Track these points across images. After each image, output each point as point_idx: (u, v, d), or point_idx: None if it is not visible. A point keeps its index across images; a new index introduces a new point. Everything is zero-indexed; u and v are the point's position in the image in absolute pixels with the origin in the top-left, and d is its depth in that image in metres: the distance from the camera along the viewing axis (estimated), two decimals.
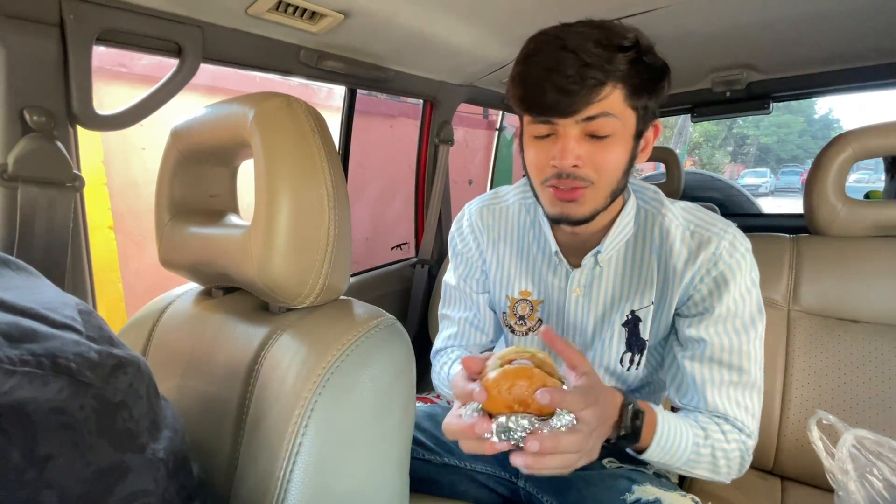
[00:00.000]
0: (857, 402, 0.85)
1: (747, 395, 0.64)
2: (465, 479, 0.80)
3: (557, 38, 0.55)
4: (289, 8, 0.78)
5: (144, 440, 0.31)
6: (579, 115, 0.55)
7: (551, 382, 0.46)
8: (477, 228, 0.80)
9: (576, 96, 0.54)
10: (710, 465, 0.62)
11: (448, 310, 0.85)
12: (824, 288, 0.92)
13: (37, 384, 0.25)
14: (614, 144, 0.58)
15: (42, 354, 0.26)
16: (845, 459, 0.64)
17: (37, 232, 0.62)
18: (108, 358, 0.30)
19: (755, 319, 0.64)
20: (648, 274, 0.68)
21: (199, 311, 0.58)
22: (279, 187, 0.44)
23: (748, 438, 0.64)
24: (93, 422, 0.27)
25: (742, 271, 0.63)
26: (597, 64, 0.53)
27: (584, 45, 0.53)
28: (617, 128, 0.57)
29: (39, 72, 0.62)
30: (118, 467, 0.28)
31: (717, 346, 0.63)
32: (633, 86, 0.56)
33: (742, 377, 0.63)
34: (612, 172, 0.59)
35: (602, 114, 0.55)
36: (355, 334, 0.45)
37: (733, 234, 0.64)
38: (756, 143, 23.42)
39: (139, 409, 0.31)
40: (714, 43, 1.09)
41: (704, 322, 0.64)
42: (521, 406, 0.45)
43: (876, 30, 1.00)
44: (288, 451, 0.39)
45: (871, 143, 0.88)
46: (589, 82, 0.53)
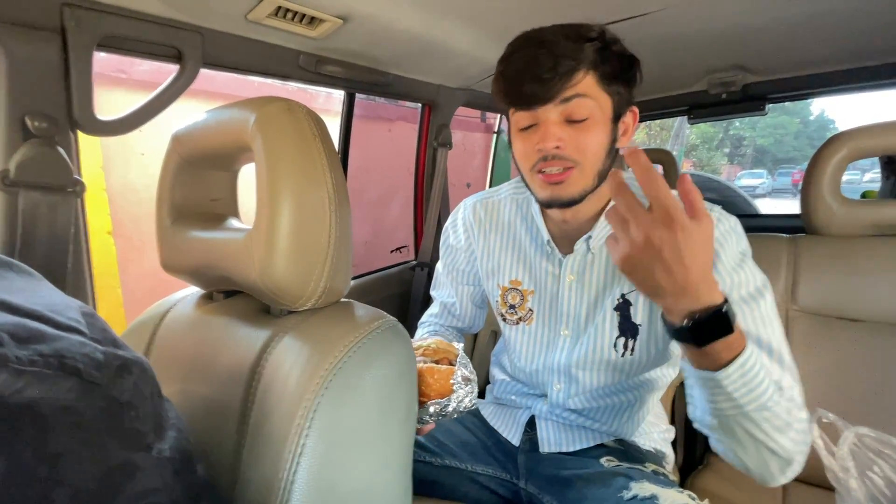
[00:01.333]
0: (856, 401, 0.85)
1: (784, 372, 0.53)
2: (466, 481, 0.80)
3: (532, 37, 0.62)
4: (288, 13, 0.78)
5: (151, 440, 0.31)
6: (556, 99, 0.60)
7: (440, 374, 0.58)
8: (468, 223, 0.84)
9: (550, 83, 0.59)
10: (781, 423, 0.50)
11: (435, 291, 0.96)
12: (822, 287, 0.92)
13: (46, 384, 0.26)
14: (593, 125, 0.62)
15: (50, 355, 0.27)
16: (846, 457, 0.64)
17: (38, 237, 0.63)
18: (114, 359, 0.30)
19: (760, 290, 0.58)
20: None
21: (200, 315, 0.58)
22: (281, 190, 0.44)
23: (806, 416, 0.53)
24: (101, 421, 0.28)
25: (729, 242, 0.61)
26: (568, 53, 0.59)
27: (555, 40, 0.60)
28: (593, 109, 0.61)
29: (41, 78, 0.62)
30: (127, 466, 0.29)
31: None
32: (604, 73, 0.61)
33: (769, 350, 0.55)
34: (594, 152, 0.63)
35: (576, 95, 0.60)
36: (357, 335, 0.45)
37: (718, 212, 0.66)
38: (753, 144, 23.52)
39: (145, 409, 0.31)
40: (709, 45, 1.10)
41: None
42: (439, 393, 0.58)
43: (869, 31, 1.01)
44: (292, 453, 0.39)
45: (866, 143, 0.89)
46: (561, 69, 0.59)
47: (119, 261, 2.08)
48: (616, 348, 0.71)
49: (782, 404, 0.50)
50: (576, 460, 0.75)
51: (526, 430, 0.80)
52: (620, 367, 0.73)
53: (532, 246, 0.77)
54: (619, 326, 0.71)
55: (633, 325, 0.70)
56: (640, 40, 1.09)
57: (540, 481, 0.75)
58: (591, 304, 0.72)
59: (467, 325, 0.94)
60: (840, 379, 0.87)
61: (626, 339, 0.71)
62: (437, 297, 0.94)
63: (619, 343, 0.71)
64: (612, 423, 0.77)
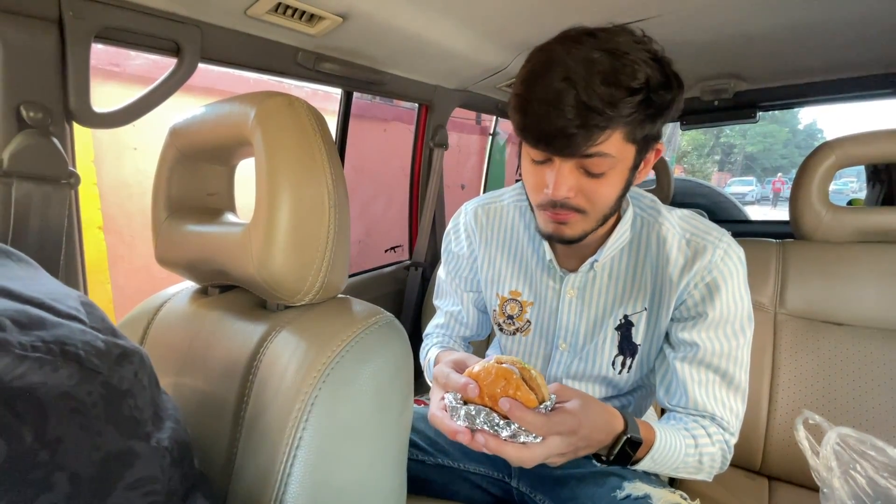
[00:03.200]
0: (841, 402, 0.87)
1: (732, 397, 0.66)
2: (458, 480, 0.80)
3: (562, 63, 0.52)
4: (288, 10, 0.78)
5: (149, 429, 0.31)
6: (575, 155, 0.55)
7: (523, 391, 0.50)
8: (470, 228, 0.82)
9: (574, 139, 0.53)
10: (694, 469, 0.65)
11: (439, 301, 0.91)
12: (809, 291, 0.94)
13: (47, 370, 0.26)
14: (608, 178, 0.58)
15: (51, 341, 0.27)
16: (830, 457, 0.65)
17: (31, 228, 0.62)
18: (114, 347, 0.30)
19: (744, 326, 0.66)
20: (642, 280, 0.69)
21: (195, 309, 0.58)
22: (280, 185, 0.45)
23: (731, 437, 0.66)
24: (100, 408, 0.28)
25: (734, 278, 0.65)
26: (599, 108, 0.51)
27: (589, 81, 0.50)
28: (613, 164, 0.57)
29: (37, 68, 0.62)
30: (126, 453, 0.29)
31: (710, 350, 0.65)
32: (637, 122, 0.54)
33: (730, 381, 0.66)
34: (604, 204, 0.60)
35: (598, 154, 0.55)
36: (355, 330, 0.45)
37: (727, 243, 0.66)
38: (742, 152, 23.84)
39: (143, 399, 0.32)
40: (702, 53, 1.12)
41: (698, 327, 0.66)
42: (492, 401, 0.51)
43: (858, 42, 1.03)
44: (288, 446, 0.39)
45: (853, 151, 0.91)
46: (589, 127, 0.52)
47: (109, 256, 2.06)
48: (614, 366, 0.72)
49: (691, 461, 0.63)
50: None
51: None
52: (616, 382, 0.74)
53: (534, 258, 0.76)
54: (619, 346, 0.71)
55: (633, 345, 0.70)
56: None
57: (532, 480, 0.76)
58: (591, 323, 0.72)
59: (475, 333, 0.91)
60: (825, 381, 0.89)
61: (624, 358, 0.71)
62: (442, 307, 0.89)
63: (617, 361, 0.72)
64: None
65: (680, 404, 0.67)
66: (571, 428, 0.52)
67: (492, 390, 0.50)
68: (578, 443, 0.53)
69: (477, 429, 0.51)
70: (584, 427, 0.53)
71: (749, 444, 0.94)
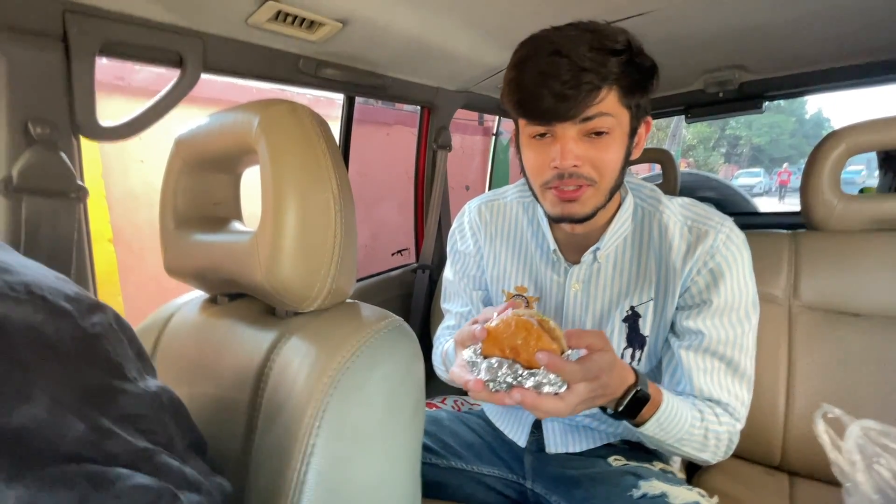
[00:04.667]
0: (860, 395, 0.85)
1: (738, 385, 0.65)
2: (472, 482, 0.80)
3: (550, 41, 0.56)
4: (287, 17, 0.79)
5: (133, 374, 0.30)
6: (577, 118, 0.57)
7: (545, 341, 0.49)
8: (475, 225, 0.82)
9: (573, 101, 0.55)
10: (699, 445, 0.63)
11: (447, 304, 0.89)
12: (824, 282, 0.93)
13: (8, 303, 0.25)
14: (611, 142, 0.60)
15: (15, 283, 0.26)
16: (852, 451, 0.64)
17: (42, 242, 0.63)
18: (86, 298, 0.30)
19: (749, 313, 0.65)
20: (647, 270, 0.69)
21: (205, 318, 0.58)
22: (286, 191, 0.45)
23: (737, 423, 0.65)
24: (71, 347, 0.27)
25: (738, 264, 0.64)
26: (591, 68, 0.55)
27: (577, 50, 0.55)
28: (613, 126, 0.59)
29: (43, 84, 0.63)
30: (108, 389, 0.28)
31: (715, 338, 0.64)
32: (627, 86, 0.58)
33: (735, 368, 0.65)
34: (611, 170, 0.61)
35: (599, 114, 0.57)
36: (364, 335, 0.45)
37: (730, 228, 0.66)
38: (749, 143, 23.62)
39: (122, 349, 0.30)
40: (705, 44, 1.11)
41: (703, 315, 0.65)
42: (513, 353, 0.49)
43: (864, 28, 1.02)
44: (302, 452, 0.39)
45: (864, 138, 0.90)
46: (585, 87, 0.55)
47: (119, 268, 2.08)
48: (623, 359, 0.71)
49: (696, 434, 0.62)
50: (583, 460, 0.75)
51: (532, 432, 0.80)
52: None
53: (538, 252, 0.76)
54: (627, 338, 0.70)
55: (641, 337, 0.70)
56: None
57: (547, 481, 0.75)
58: (598, 316, 0.71)
59: None
60: (843, 374, 0.87)
61: (633, 350, 0.70)
62: (452, 309, 0.87)
63: (626, 354, 0.71)
64: (618, 426, 0.76)
65: (685, 391, 0.66)
66: (597, 374, 0.51)
67: (513, 342, 0.49)
68: (598, 390, 0.52)
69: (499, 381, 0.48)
70: (606, 374, 0.52)
71: (767, 439, 0.92)
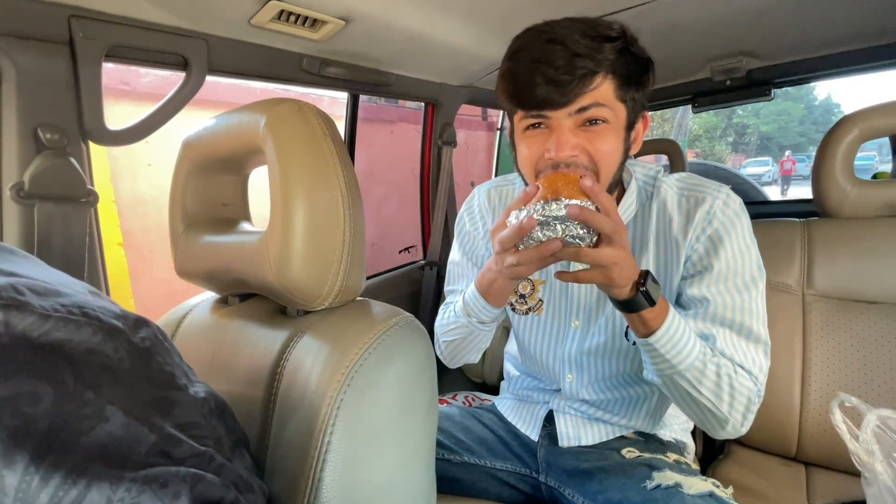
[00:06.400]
0: (877, 383, 0.84)
1: (752, 348, 0.63)
2: (486, 477, 0.80)
3: (543, 31, 0.56)
4: (290, 16, 0.79)
5: (183, 382, 0.32)
6: (572, 106, 0.55)
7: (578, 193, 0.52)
8: (483, 209, 0.82)
9: (567, 87, 0.54)
10: (714, 387, 0.60)
11: (453, 285, 0.87)
12: (838, 270, 0.91)
13: (71, 327, 0.26)
14: (608, 132, 0.58)
15: (70, 305, 0.28)
16: (870, 440, 0.63)
17: (54, 247, 0.63)
18: (129, 314, 0.31)
19: (755, 278, 0.64)
20: (644, 245, 0.69)
21: (216, 319, 0.58)
22: (294, 191, 0.45)
23: (755, 386, 0.62)
24: (128, 364, 0.28)
25: (736, 228, 0.63)
26: (586, 53, 0.54)
27: (571, 37, 0.54)
28: (609, 116, 0.57)
29: (51, 90, 0.63)
30: (164, 401, 0.30)
31: (721, 304, 0.63)
32: (622, 77, 0.57)
33: (748, 332, 0.63)
34: (610, 161, 0.59)
35: (594, 104, 0.56)
36: (376, 332, 0.45)
37: (726, 193, 0.65)
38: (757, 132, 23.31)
39: (170, 359, 0.32)
40: (711, 32, 1.09)
41: (705, 281, 0.64)
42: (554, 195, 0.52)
43: (874, 11, 1.00)
44: (317, 450, 0.39)
45: (877, 122, 0.88)
46: (579, 72, 0.54)
47: (130, 272, 2.10)
48: (628, 337, 0.71)
49: (710, 366, 0.59)
50: (596, 452, 0.74)
51: (544, 425, 0.80)
52: (632, 355, 0.72)
53: None
54: None
55: None
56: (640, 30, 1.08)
57: (560, 474, 0.75)
58: (602, 295, 0.71)
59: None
60: (859, 362, 0.86)
61: None
62: (457, 289, 0.85)
63: (630, 332, 0.71)
64: (630, 418, 0.76)
65: None
66: (623, 236, 0.52)
67: (554, 185, 0.52)
68: (623, 254, 0.52)
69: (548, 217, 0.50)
70: (627, 243, 0.54)
71: (783, 429, 0.91)
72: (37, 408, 0.23)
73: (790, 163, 14.49)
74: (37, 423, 0.23)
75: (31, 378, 0.24)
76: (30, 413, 0.23)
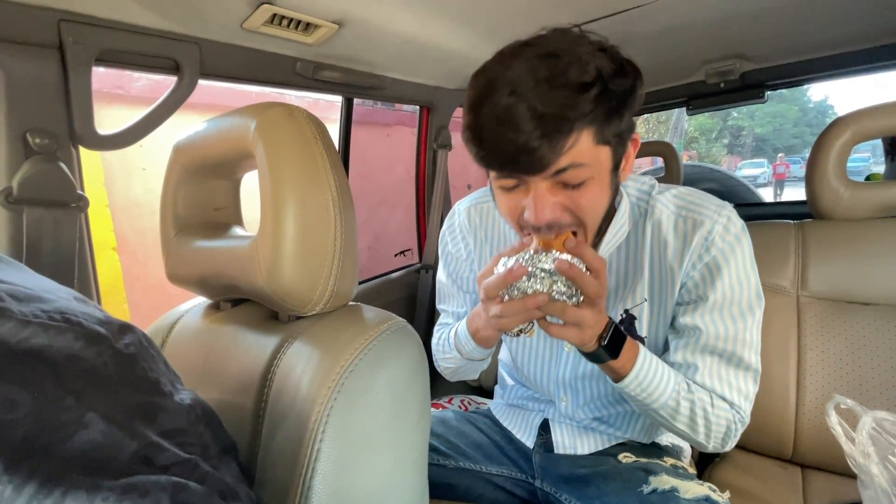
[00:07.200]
0: (873, 385, 0.84)
1: (741, 378, 0.62)
2: (481, 482, 0.79)
3: (504, 79, 0.47)
4: (283, 20, 0.78)
5: (169, 389, 0.32)
6: (546, 171, 0.50)
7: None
8: (465, 229, 0.79)
9: (537, 153, 0.47)
10: (688, 421, 0.61)
11: (443, 304, 0.87)
12: (832, 272, 0.91)
13: (51, 333, 0.26)
14: (591, 186, 0.52)
15: (52, 311, 0.27)
16: (866, 443, 0.63)
17: (43, 252, 0.63)
18: (114, 320, 0.31)
19: (753, 306, 0.61)
20: (639, 270, 0.66)
21: (208, 325, 0.58)
22: (285, 195, 0.44)
23: (737, 414, 0.62)
24: (112, 369, 0.28)
25: (736, 256, 0.60)
26: (556, 112, 0.46)
27: (537, 90, 0.46)
28: (591, 171, 0.51)
29: (41, 95, 0.63)
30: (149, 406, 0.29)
31: (713, 334, 0.61)
32: (603, 120, 0.49)
33: (738, 362, 0.62)
34: (596, 212, 0.56)
35: (571, 165, 0.49)
36: (368, 337, 0.45)
37: (727, 217, 0.61)
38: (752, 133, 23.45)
39: (156, 366, 0.32)
40: (705, 34, 1.10)
41: (699, 310, 0.62)
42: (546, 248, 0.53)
43: (866, 13, 1.00)
44: (307, 457, 0.39)
45: (869, 124, 0.88)
46: (551, 136, 0.47)
47: (124, 276, 2.09)
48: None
49: (684, 403, 0.60)
50: (593, 458, 0.74)
51: (540, 433, 0.79)
52: None
53: None
54: None
55: (637, 338, 0.68)
56: (634, 33, 1.09)
57: (556, 480, 0.74)
58: None
59: None
60: (854, 364, 0.86)
61: None
62: (448, 309, 0.85)
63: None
64: (626, 430, 0.75)
65: None
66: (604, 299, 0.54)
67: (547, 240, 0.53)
68: (601, 317, 0.54)
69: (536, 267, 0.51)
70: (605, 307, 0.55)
71: (779, 431, 0.91)
72: (13, 415, 0.23)
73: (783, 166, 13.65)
74: (13, 431, 0.23)
75: (8, 384, 0.23)
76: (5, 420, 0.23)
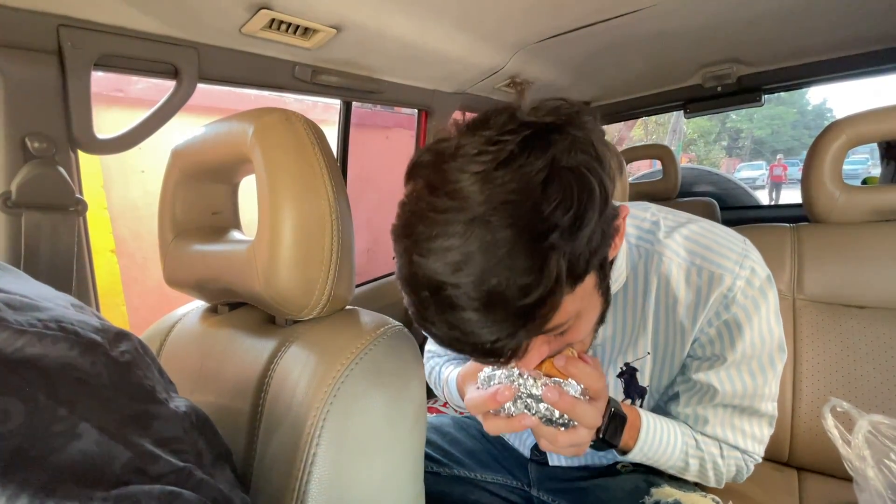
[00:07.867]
0: (869, 388, 0.84)
1: (755, 424, 0.59)
2: (476, 490, 0.78)
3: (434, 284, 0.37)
4: (282, 25, 0.79)
5: (164, 396, 0.32)
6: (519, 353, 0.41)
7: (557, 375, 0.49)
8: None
9: (504, 350, 0.39)
10: (698, 474, 0.61)
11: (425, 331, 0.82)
12: (828, 275, 0.92)
13: (46, 342, 0.26)
14: (580, 321, 0.46)
15: (47, 319, 0.27)
16: (862, 446, 0.63)
17: (42, 256, 0.63)
18: (111, 327, 0.31)
19: (774, 360, 0.57)
20: (643, 324, 0.60)
21: (205, 328, 0.58)
22: (282, 200, 0.44)
23: (749, 458, 0.61)
24: (106, 377, 0.28)
25: (760, 312, 0.54)
26: (507, 331, 0.37)
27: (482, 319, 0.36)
28: (579, 315, 0.45)
29: (39, 99, 0.63)
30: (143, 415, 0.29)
31: (730, 392, 0.57)
32: (574, 282, 0.39)
33: (752, 412, 0.59)
34: (588, 331, 0.50)
35: (553, 328, 0.42)
36: (364, 342, 0.45)
37: (750, 269, 0.53)
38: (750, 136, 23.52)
39: (151, 373, 0.32)
40: (702, 39, 1.10)
41: (715, 368, 0.57)
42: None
43: (862, 18, 1.01)
44: (303, 462, 0.39)
45: (864, 129, 0.89)
46: (511, 339, 0.38)
47: (122, 279, 2.09)
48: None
49: (693, 461, 0.59)
50: (590, 466, 0.73)
51: (535, 445, 0.77)
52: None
53: None
54: (625, 391, 0.65)
55: (640, 388, 0.65)
56: (631, 37, 1.10)
57: (553, 489, 0.73)
58: None
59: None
60: (850, 367, 0.86)
61: (632, 401, 0.65)
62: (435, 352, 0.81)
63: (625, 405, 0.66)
64: None
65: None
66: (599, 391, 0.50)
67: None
68: (594, 430, 0.51)
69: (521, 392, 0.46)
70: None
71: (775, 434, 0.90)
72: (6, 425, 0.23)
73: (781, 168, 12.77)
74: (6, 441, 0.23)
75: (2, 395, 0.23)
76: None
